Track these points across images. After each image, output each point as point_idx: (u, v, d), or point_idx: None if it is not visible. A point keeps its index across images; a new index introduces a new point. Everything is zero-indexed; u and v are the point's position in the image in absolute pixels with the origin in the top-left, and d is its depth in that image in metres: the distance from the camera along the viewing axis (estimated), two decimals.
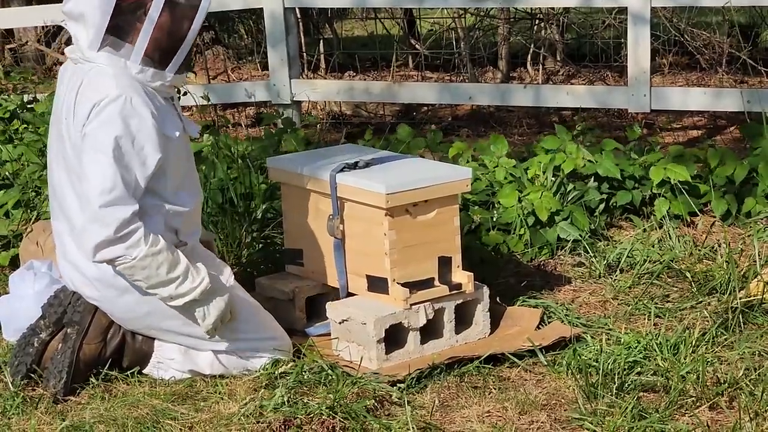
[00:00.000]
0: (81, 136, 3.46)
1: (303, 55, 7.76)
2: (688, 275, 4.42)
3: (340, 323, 3.83)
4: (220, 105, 7.34)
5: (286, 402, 3.44)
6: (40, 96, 6.50)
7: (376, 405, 3.46)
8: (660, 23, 7.54)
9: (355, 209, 3.88)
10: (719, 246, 4.64)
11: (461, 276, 3.91)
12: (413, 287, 3.81)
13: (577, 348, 3.79)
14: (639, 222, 5.06)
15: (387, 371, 3.68)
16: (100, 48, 3.49)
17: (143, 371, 3.74)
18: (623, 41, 7.28)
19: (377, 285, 3.85)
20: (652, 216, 5.05)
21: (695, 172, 5.17)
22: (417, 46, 8.58)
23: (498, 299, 4.12)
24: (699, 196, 5.13)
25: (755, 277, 4.22)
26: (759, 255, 4.39)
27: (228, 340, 3.68)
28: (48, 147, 3.72)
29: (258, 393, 3.55)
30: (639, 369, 3.64)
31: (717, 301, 4.18)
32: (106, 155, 3.42)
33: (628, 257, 4.65)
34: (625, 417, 3.29)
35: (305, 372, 3.65)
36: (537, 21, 8.49)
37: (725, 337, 3.86)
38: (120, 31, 3.49)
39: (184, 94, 6.07)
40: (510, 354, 3.77)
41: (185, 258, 3.56)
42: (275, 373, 3.64)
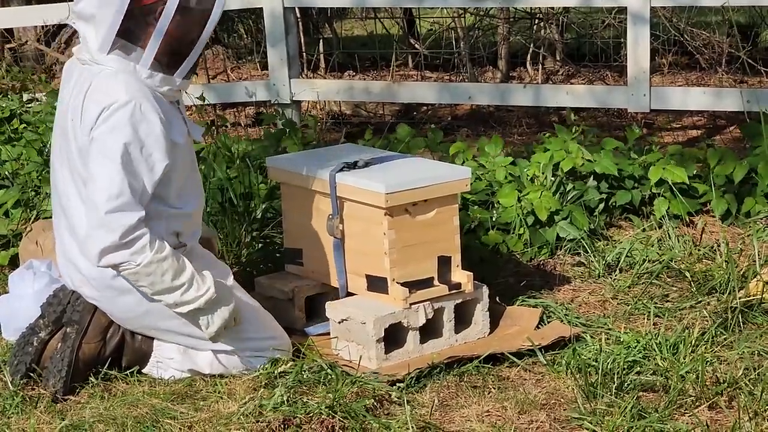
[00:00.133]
0: (89, 139, 3.45)
1: (303, 55, 7.76)
2: (687, 275, 4.42)
3: (339, 323, 3.84)
4: (219, 105, 7.34)
5: (285, 401, 3.44)
6: (39, 95, 6.49)
7: (375, 404, 3.46)
8: (659, 23, 7.54)
9: (355, 209, 3.88)
10: (719, 246, 4.64)
11: (461, 275, 3.91)
12: (413, 287, 3.81)
13: (577, 347, 3.79)
14: (638, 222, 5.06)
15: (386, 371, 3.68)
16: (110, 51, 3.47)
17: (142, 371, 3.74)
18: (623, 41, 7.28)
19: (377, 284, 3.85)
20: (651, 216, 5.05)
21: (695, 171, 5.17)
22: (416, 45, 8.57)
23: (497, 299, 4.12)
24: (698, 195, 5.13)
25: (755, 277, 4.23)
26: (758, 255, 4.40)
27: (228, 339, 3.68)
28: (52, 144, 3.71)
29: (257, 392, 3.55)
30: (638, 369, 3.64)
31: (716, 301, 4.18)
32: (113, 161, 3.41)
33: (627, 257, 4.65)
34: (625, 416, 3.29)
35: (305, 371, 3.65)
36: (536, 21, 8.49)
37: (724, 337, 3.86)
38: (131, 35, 3.47)
39: None
40: (509, 353, 3.77)
41: (191, 266, 3.54)
42: (275, 373, 3.64)
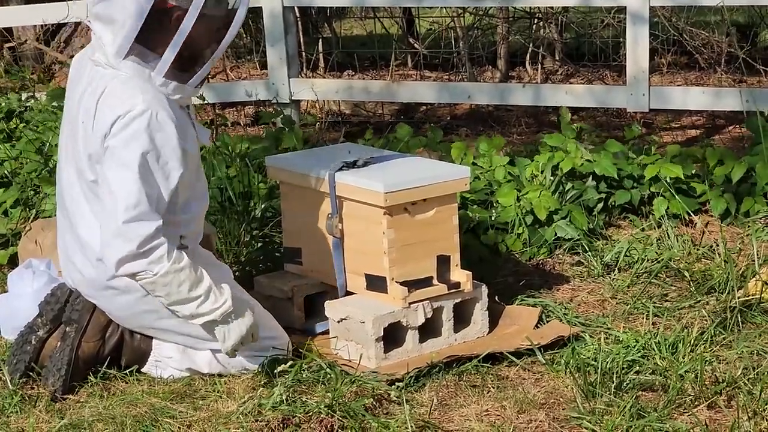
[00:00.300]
0: (102, 146, 3.43)
1: (302, 54, 7.76)
2: (686, 274, 4.43)
3: (338, 322, 3.84)
4: (218, 104, 7.34)
5: (284, 400, 3.44)
6: (39, 95, 6.49)
7: (374, 404, 3.46)
8: (659, 23, 7.54)
9: (354, 208, 3.88)
10: (717, 245, 4.65)
11: (460, 275, 3.91)
12: (412, 286, 3.81)
13: (576, 347, 3.79)
14: (637, 221, 5.06)
15: (385, 370, 3.68)
16: (126, 56, 3.45)
17: (142, 370, 3.75)
18: (622, 40, 7.29)
19: (376, 284, 3.85)
20: (650, 215, 5.06)
21: (693, 171, 5.17)
22: (416, 45, 8.57)
23: (496, 298, 4.12)
24: (697, 195, 5.13)
25: (753, 277, 4.23)
26: (757, 254, 4.40)
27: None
28: (59, 142, 3.69)
29: (256, 392, 3.55)
30: (637, 368, 3.64)
31: (715, 301, 4.18)
32: (131, 171, 3.40)
33: (626, 256, 4.66)
34: (624, 416, 3.29)
35: (304, 371, 3.65)
36: (536, 20, 8.49)
37: (723, 337, 3.86)
38: (149, 41, 3.44)
39: None
40: (508, 353, 3.77)
41: (209, 278, 3.53)
42: (274, 372, 3.64)
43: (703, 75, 7.96)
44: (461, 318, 3.95)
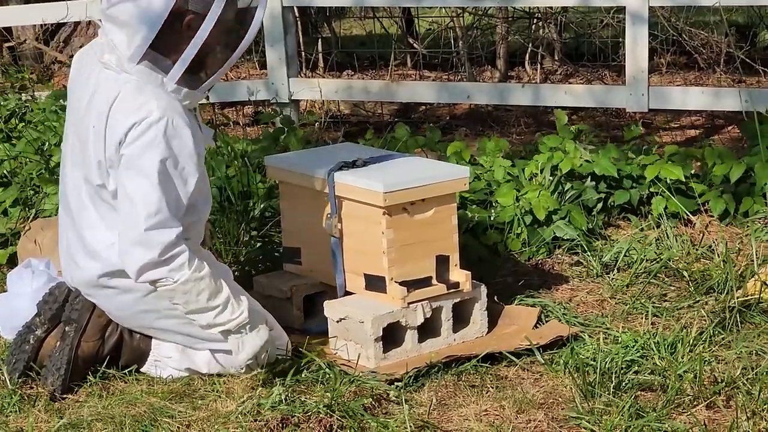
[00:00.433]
0: (117, 154, 3.41)
1: (301, 54, 7.76)
2: (685, 274, 4.43)
3: (337, 322, 3.84)
4: (218, 104, 7.34)
5: (283, 400, 3.44)
6: (38, 94, 6.50)
7: (373, 403, 3.46)
8: (658, 23, 7.54)
9: (353, 208, 3.88)
10: (717, 245, 4.65)
11: (459, 275, 3.91)
12: (411, 286, 3.81)
13: (575, 347, 3.79)
14: (636, 221, 5.06)
15: (384, 370, 3.68)
16: (140, 61, 3.43)
17: (141, 369, 3.74)
18: (621, 40, 7.29)
19: (375, 283, 3.85)
20: (649, 215, 5.06)
21: (692, 171, 5.17)
22: (415, 45, 8.58)
23: (495, 298, 4.12)
24: (696, 195, 5.13)
25: (752, 277, 4.23)
26: (756, 254, 4.40)
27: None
28: (64, 142, 3.67)
29: (255, 391, 3.55)
30: (636, 368, 3.64)
31: (714, 301, 4.18)
32: (150, 179, 3.39)
33: (625, 256, 4.66)
34: (623, 416, 3.29)
35: (303, 370, 3.65)
36: (535, 20, 8.49)
37: (722, 337, 3.86)
38: (161, 46, 3.42)
39: None
40: (507, 353, 3.77)
41: (228, 289, 3.53)
42: (273, 372, 3.64)
43: (703, 75, 7.96)
44: (460, 318, 3.95)
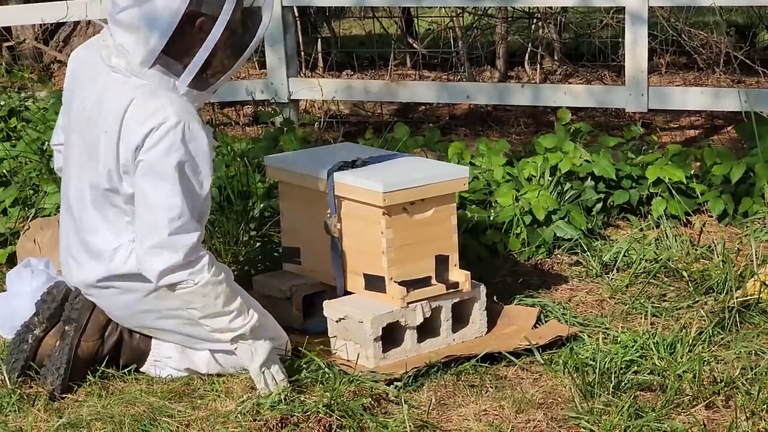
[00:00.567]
0: (134, 160, 3.40)
1: (301, 54, 7.76)
2: (684, 275, 4.43)
3: (337, 321, 3.84)
4: (217, 103, 7.34)
5: (282, 400, 3.44)
6: (38, 94, 6.50)
7: (372, 403, 3.46)
8: (658, 23, 7.54)
9: (353, 208, 3.88)
10: (716, 245, 4.65)
11: (458, 275, 3.91)
12: (410, 286, 3.81)
13: (574, 347, 3.79)
14: (636, 221, 5.06)
15: (384, 369, 3.68)
16: (152, 65, 3.42)
17: (140, 369, 3.74)
18: (621, 41, 7.29)
19: (374, 283, 3.85)
20: (649, 215, 5.06)
21: (692, 171, 5.18)
22: (415, 45, 8.58)
23: (495, 298, 4.12)
24: (696, 195, 5.13)
25: (752, 277, 4.23)
26: (756, 254, 4.40)
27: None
28: (67, 142, 3.64)
29: (255, 391, 3.55)
30: (635, 368, 3.64)
31: (714, 301, 4.18)
32: (171, 183, 3.39)
33: (624, 256, 4.66)
34: (622, 416, 3.29)
35: (302, 370, 3.65)
36: (535, 20, 8.49)
37: (722, 337, 3.87)
38: (171, 50, 3.41)
39: None
40: (507, 353, 3.77)
41: (239, 294, 3.56)
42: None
43: (702, 75, 7.96)
44: (460, 318, 3.95)
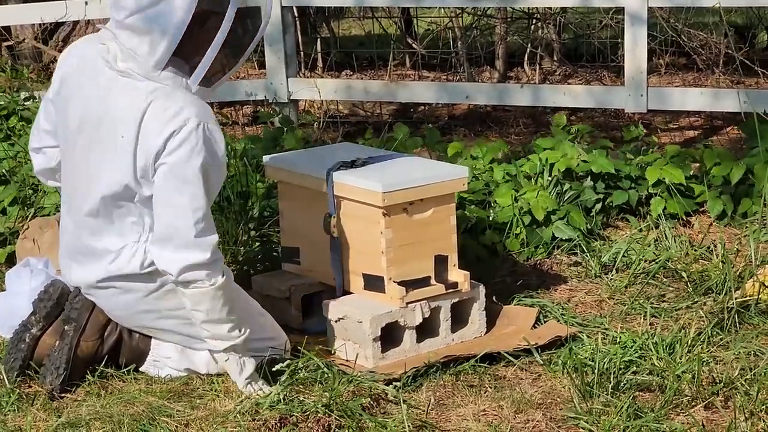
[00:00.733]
0: (154, 163, 3.41)
1: (300, 54, 7.76)
2: (684, 275, 4.43)
3: (336, 321, 3.84)
4: (216, 103, 7.33)
5: (282, 400, 3.44)
6: (37, 94, 6.49)
7: (371, 403, 3.46)
8: (657, 23, 7.55)
9: (352, 208, 3.88)
10: (715, 246, 4.65)
11: (457, 275, 3.91)
12: (409, 286, 3.81)
13: (573, 347, 3.79)
14: (635, 222, 5.06)
15: (383, 369, 3.68)
16: (165, 68, 3.43)
17: (139, 369, 3.74)
18: (620, 41, 7.29)
19: (373, 283, 3.85)
20: (648, 216, 5.06)
21: (691, 172, 5.18)
22: (414, 45, 8.57)
23: (494, 298, 4.12)
24: (695, 196, 5.13)
25: (751, 278, 4.23)
26: (755, 255, 4.40)
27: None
28: (68, 142, 3.62)
29: None
30: (635, 368, 3.64)
31: (713, 301, 4.18)
32: (195, 185, 3.40)
33: (624, 257, 4.66)
34: (621, 416, 3.30)
35: (301, 370, 3.65)
36: (534, 21, 8.49)
37: (721, 337, 3.87)
38: (184, 52, 3.43)
39: None
40: (506, 353, 3.78)
41: (239, 296, 3.60)
42: (271, 372, 3.64)
43: (701, 76, 7.96)
44: (459, 318, 3.95)
